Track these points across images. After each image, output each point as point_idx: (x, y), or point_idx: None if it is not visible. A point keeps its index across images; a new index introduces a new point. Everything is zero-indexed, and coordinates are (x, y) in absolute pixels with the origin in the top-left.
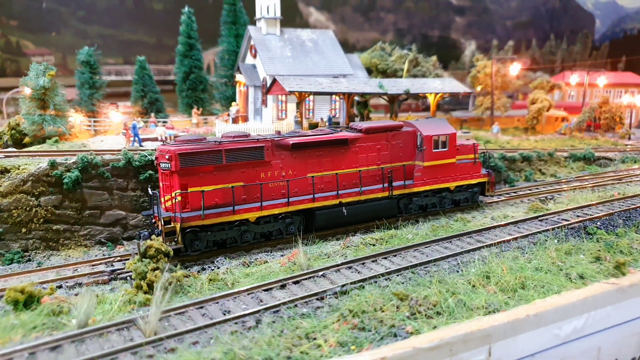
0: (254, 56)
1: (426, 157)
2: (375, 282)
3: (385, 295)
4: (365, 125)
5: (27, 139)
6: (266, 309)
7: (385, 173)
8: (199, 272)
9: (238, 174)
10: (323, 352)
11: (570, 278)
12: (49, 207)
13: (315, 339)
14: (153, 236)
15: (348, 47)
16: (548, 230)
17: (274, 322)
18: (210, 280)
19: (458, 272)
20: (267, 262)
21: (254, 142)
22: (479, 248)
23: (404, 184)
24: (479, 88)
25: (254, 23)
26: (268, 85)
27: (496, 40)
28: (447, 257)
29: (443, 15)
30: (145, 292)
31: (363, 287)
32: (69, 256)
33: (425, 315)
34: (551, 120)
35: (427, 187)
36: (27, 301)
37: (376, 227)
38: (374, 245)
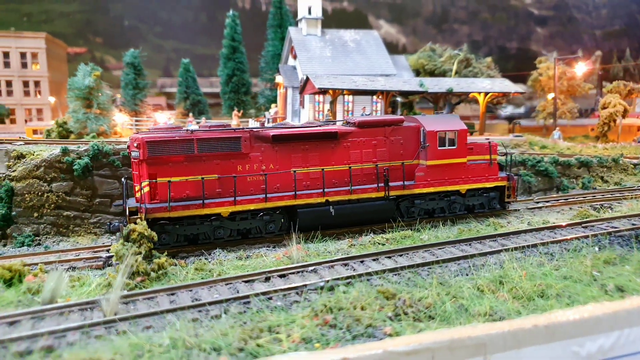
0: (294, 57)
1: (430, 155)
2: (368, 280)
3: (372, 293)
4: (359, 118)
5: (72, 136)
6: (235, 299)
7: (380, 171)
8: (186, 261)
9: (212, 166)
10: (283, 347)
11: (606, 290)
12: (60, 193)
13: (278, 332)
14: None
15: None
16: (588, 236)
17: (241, 313)
18: (196, 269)
19: (467, 275)
20: (263, 255)
21: (229, 133)
22: (497, 251)
23: (403, 184)
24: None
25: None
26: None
27: (582, 52)
28: (458, 258)
29: (522, 26)
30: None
31: (352, 284)
32: (77, 243)
33: (413, 317)
34: (631, 130)
35: (431, 189)
36: (14, 279)
37: (390, 228)
38: (383, 245)
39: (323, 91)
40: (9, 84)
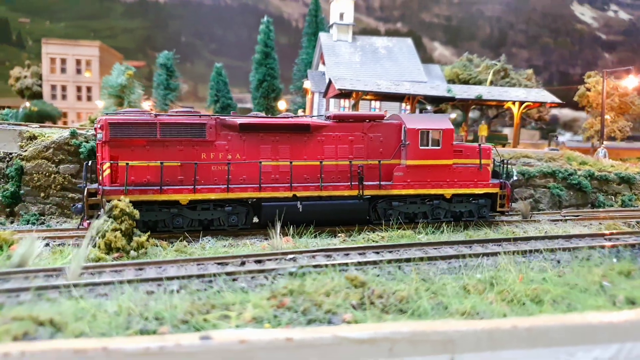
0: (323, 63)
1: (410, 155)
2: (346, 270)
3: (342, 282)
4: (335, 112)
5: None
6: (198, 277)
7: (355, 169)
8: (168, 243)
9: (175, 152)
10: (230, 324)
11: (614, 301)
12: (67, 175)
13: (230, 310)
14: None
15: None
16: (604, 247)
17: (199, 290)
18: (177, 251)
19: (456, 274)
20: (253, 244)
21: (194, 119)
22: (494, 253)
23: (379, 184)
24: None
25: None
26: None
27: None
28: (449, 257)
29: (588, 51)
30: (102, 251)
31: (326, 272)
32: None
33: (381, 308)
34: None
35: (411, 191)
36: (2, 246)
37: (391, 227)
38: (376, 242)
39: (346, 94)
40: (64, 88)
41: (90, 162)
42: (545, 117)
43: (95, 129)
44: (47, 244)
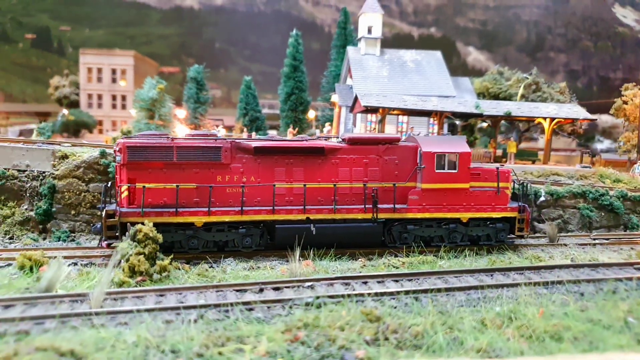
0: (351, 77)
1: (425, 178)
2: (362, 301)
3: (357, 315)
4: (350, 134)
5: None
6: (216, 306)
7: (369, 192)
8: (190, 266)
9: (191, 175)
10: (244, 358)
11: (639, 340)
12: (96, 194)
13: (244, 343)
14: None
15: None
16: (632, 279)
17: (218, 320)
18: (198, 275)
19: (474, 307)
20: (273, 268)
21: (210, 142)
22: (515, 284)
23: (394, 207)
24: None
25: None
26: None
27: None
28: (468, 288)
29: (630, 55)
30: (126, 274)
31: (342, 303)
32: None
33: (395, 344)
34: None
35: (426, 215)
36: (32, 267)
37: (412, 252)
38: (397, 268)
39: (372, 110)
40: (100, 97)
41: (109, 183)
42: (579, 131)
43: (114, 151)
44: (75, 263)
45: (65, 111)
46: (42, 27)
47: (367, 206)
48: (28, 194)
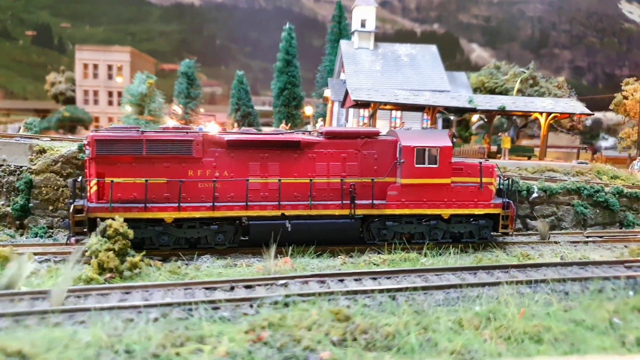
0: (344, 71)
1: (405, 173)
2: (335, 299)
3: (326, 314)
4: (327, 128)
5: None
6: (179, 304)
7: (346, 187)
8: (163, 263)
9: (161, 169)
10: (203, 358)
11: (623, 342)
12: (74, 189)
13: (204, 344)
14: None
15: None
16: (620, 277)
17: (181, 319)
18: (170, 272)
19: (452, 306)
20: (250, 265)
21: (181, 135)
22: (496, 283)
23: (372, 203)
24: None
25: None
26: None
27: None
28: (446, 287)
29: (636, 51)
30: (95, 271)
31: (314, 302)
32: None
33: (364, 345)
34: None
35: (406, 211)
36: (1, 264)
37: (394, 249)
38: (377, 265)
39: (364, 105)
40: (96, 93)
41: (80, 178)
42: (578, 127)
43: (84, 145)
44: (48, 260)
45: (62, 109)
46: (42, 24)
47: (344, 202)
48: (5, 189)
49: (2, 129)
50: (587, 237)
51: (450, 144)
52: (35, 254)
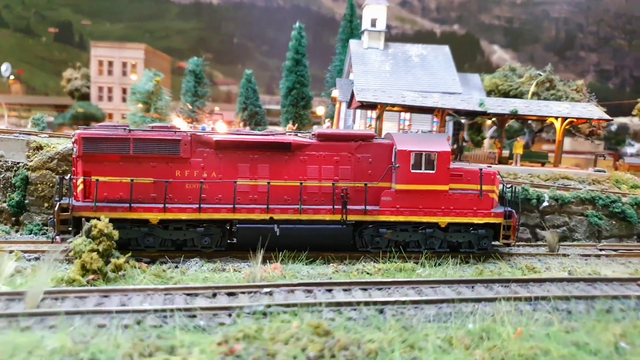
0: (352, 71)
1: (400, 178)
2: (320, 311)
3: (306, 327)
4: (320, 130)
5: None
6: (155, 311)
7: (338, 192)
8: (149, 266)
9: (148, 169)
10: None
11: None
12: (61, 187)
13: (174, 354)
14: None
15: None
16: (630, 297)
17: (155, 326)
18: (155, 275)
19: (444, 322)
20: (239, 270)
21: (168, 135)
22: (492, 299)
23: (365, 208)
24: None
25: None
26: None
27: None
28: (439, 301)
29: None
30: (78, 272)
31: (296, 313)
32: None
33: None
34: None
35: (400, 218)
36: None
37: (389, 258)
38: (371, 274)
39: (370, 106)
40: (110, 90)
41: (68, 176)
42: (598, 132)
43: (72, 142)
44: (37, 258)
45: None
46: (64, 21)
47: (336, 207)
48: (1, 185)
49: (23, 125)
50: (601, 249)
51: (449, 149)
52: (25, 251)
